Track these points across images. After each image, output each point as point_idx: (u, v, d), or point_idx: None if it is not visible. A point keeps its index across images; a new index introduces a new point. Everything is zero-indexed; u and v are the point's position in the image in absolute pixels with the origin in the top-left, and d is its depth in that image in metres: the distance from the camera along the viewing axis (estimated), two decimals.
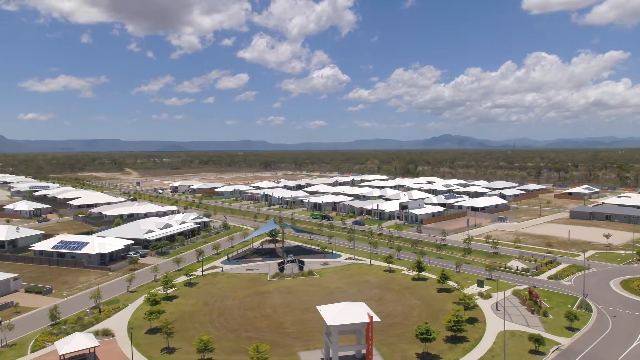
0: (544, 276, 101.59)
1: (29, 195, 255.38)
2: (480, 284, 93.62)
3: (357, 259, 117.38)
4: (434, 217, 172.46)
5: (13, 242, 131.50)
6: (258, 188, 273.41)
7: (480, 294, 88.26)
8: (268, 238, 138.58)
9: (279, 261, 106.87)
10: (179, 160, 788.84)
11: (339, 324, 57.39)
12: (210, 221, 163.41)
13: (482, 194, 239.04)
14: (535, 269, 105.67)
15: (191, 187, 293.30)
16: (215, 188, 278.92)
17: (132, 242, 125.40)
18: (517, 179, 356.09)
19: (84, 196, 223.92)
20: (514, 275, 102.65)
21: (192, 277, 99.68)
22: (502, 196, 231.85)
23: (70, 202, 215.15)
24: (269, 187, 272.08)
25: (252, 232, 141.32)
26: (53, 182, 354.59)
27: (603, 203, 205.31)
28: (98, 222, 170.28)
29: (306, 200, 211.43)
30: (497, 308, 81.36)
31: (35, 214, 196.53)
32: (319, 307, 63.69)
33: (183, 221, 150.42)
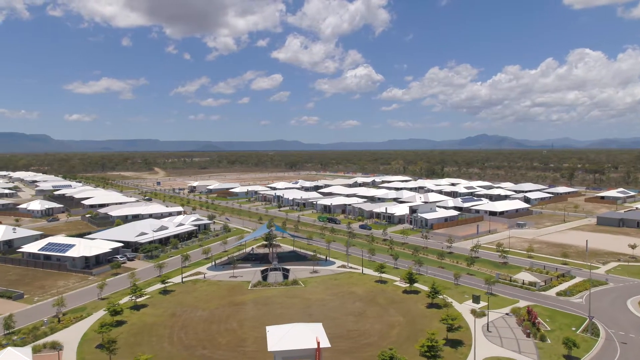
0: (552, 291, 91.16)
1: (49, 195, 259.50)
2: (476, 299, 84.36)
3: (351, 267, 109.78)
4: (447, 221, 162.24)
5: (8, 243, 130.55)
6: (274, 189, 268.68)
7: (473, 312, 79.16)
8: (264, 242, 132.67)
9: (262, 269, 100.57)
10: (207, 160, 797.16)
11: (280, 349, 50.56)
12: (211, 223, 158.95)
13: (505, 197, 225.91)
14: (544, 282, 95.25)
15: (208, 187, 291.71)
16: (230, 188, 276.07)
17: (121, 244, 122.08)
18: (548, 181, 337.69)
19: (97, 196, 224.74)
20: (518, 289, 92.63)
21: (168, 284, 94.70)
22: (526, 200, 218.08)
23: (83, 202, 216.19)
24: (285, 188, 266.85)
25: (248, 236, 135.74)
26: (79, 182, 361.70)
27: (637, 208, 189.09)
28: (102, 223, 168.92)
29: (319, 202, 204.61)
30: (488, 329, 72.29)
31: (47, 214, 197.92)
32: (268, 328, 56.99)
33: (180, 223, 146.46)
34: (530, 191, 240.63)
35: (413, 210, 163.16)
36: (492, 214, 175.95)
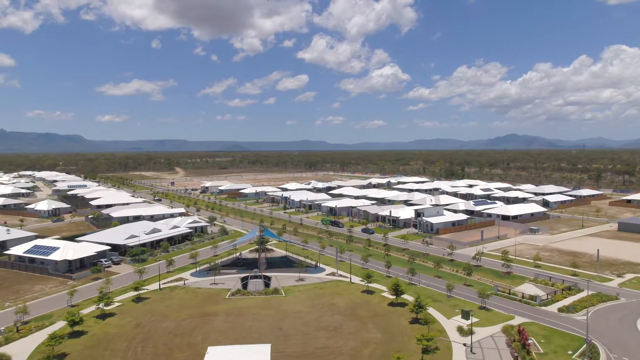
0: (554, 307, 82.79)
1: (62, 195, 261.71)
2: (465, 315, 76.70)
3: (340, 275, 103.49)
4: (454, 226, 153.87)
5: (2, 244, 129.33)
6: (285, 190, 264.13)
7: (460, 329, 71.95)
8: (257, 247, 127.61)
9: (242, 276, 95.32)
10: (229, 160, 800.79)
11: None
12: (209, 226, 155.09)
13: (522, 200, 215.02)
14: (547, 296, 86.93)
15: (219, 188, 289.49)
16: (241, 189, 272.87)
17: (108, 247, 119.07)
18: (573, 183, 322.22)
19: (105, 196, 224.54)
20: (517, 304, 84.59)
21: (142, 291, 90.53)
22: (545, 203, 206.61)
23: (90, 202, 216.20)
24: (296, 189, 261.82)
25: (240, 239, 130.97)
26: (97, 181, 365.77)
27: None
28: (103, 224, 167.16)
29: (324, 204, 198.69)
30: (471, 351, 65.04)
31: (54, 214, 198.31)
32: (209, 349, 51.56)
33: (175, 226, 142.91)
34: (550, 194, 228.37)
35: (418, 213, 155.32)
36: (505, 218, 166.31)
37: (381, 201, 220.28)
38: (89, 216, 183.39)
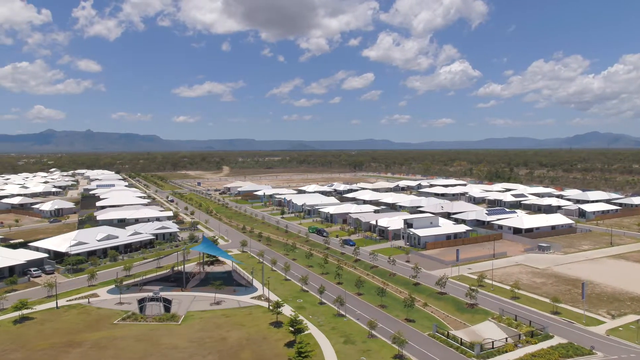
0: None
1: (81, 194, 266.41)
2: None
3: (267, 300, 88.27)
4: (448, 239, 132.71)
5: None
6: (303, 192, 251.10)
7: None
8: (208, 259, 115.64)
9: (140, 297, 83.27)
10: (278, 159, 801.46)
11: None
12: (178, 232, 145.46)
13: (556, 208, 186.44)
14: (505, 340, 67.12)
15: (238, 189, 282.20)
16: (255, 191, 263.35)
17: (46, 255, 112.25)
18: (636, 189, 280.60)
19: (112, 197, 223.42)
20: (451, 353, 65.55)
21: (29, 310, 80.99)
22: (582, 213, 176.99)
23: (97, 203, 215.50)
24: (315, 192, 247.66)
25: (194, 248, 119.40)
26: (123, 179, 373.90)
27: None
28: (86, 227, 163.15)
29: (322, 210, 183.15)
30: None
31: (57, 214, 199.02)
32: None
33: (136, 232, 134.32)
34: (590, 201, 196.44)
35: (408, 224, 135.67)
36: (517, 231, 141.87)
37: (392, 207, 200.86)
38: (79, 218, 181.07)
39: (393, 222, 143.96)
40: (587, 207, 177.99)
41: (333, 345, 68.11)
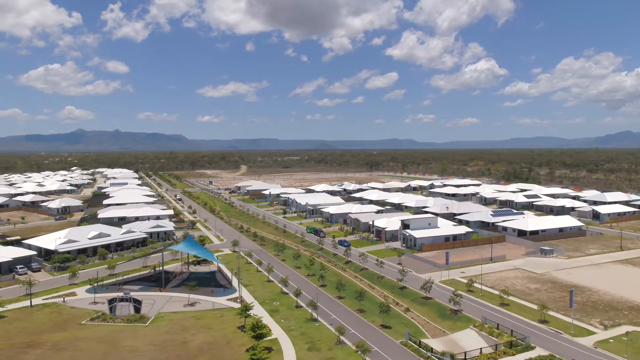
0: None
1: (93, 192, 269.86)
2: None
3: (242, 302, 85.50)
4: (447, 241, 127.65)
5: None
6: (312, 191, 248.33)
7: None
8: (195, 259, 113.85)
9: (110, 297, 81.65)
10: (297, 159, 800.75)
11: None
12: (173, 231, 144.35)
13: (569, 210, 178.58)
14: (480, 351, 62.75)
15: (247, 188, 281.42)
16: (263, 190, 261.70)
17: (34, 253, 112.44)
18: None
19: (119, 195, 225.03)
20: None
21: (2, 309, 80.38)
22: (595, 214, 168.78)
23: (104, 202, 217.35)
24: (323, 191, 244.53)
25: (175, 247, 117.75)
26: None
27: None
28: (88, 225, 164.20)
29: (324, 210, 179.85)
30: None
31: (64, 212, 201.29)
32: None
33: (129, 230, 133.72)
34: (609, 203, 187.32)
35: (405, 225, 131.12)
36: (521, 233, 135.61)
37: (398, 207, 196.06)
38: (82, 216, 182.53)
39: (391, 222, 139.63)
40: (602, 209, 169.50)
41: (297, 352, 64.91)
